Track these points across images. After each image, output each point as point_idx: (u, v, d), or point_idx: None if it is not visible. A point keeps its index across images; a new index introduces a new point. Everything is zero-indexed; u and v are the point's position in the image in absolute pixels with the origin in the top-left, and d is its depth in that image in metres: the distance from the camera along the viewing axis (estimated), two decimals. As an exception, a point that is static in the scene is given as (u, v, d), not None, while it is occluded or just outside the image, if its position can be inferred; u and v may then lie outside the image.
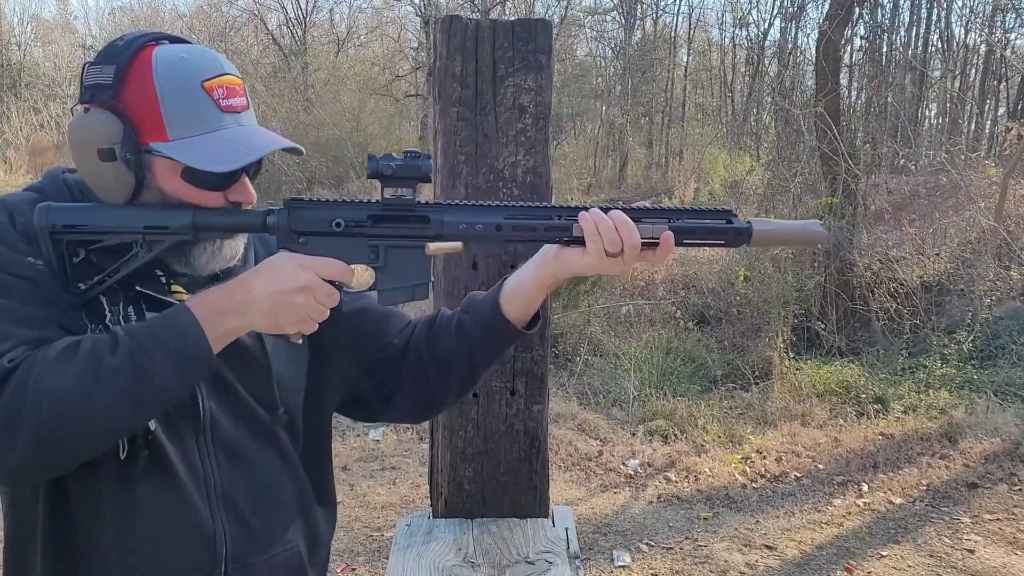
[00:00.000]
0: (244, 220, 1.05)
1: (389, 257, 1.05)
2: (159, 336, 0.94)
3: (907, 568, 3.55)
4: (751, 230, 1.06)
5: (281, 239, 1.04)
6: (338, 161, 13.71)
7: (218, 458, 1.07)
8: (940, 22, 14.02)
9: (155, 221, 1.01)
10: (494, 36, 1.72)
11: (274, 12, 20.93)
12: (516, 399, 1.81)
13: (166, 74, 0.99)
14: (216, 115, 1.01)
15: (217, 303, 0.98)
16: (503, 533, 1.75)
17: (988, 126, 14.04)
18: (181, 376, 0.96)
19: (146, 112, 0.98)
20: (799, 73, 10.25)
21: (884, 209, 7.75)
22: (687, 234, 1.05)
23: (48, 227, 0.98)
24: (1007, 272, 6.75)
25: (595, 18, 18.88)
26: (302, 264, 1.00)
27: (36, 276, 0.97)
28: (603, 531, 3.89)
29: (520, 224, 1.05)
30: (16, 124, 16.52)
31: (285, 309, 0.98)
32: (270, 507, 1.12)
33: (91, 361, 0.91)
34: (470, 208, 1.06)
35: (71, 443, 0.91)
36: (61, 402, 0.88)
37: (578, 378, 5.94)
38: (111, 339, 0.93)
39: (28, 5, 40.33)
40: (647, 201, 1.13)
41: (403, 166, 1.02)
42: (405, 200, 1.04)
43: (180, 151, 0.98)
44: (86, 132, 1.00)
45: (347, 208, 1.04)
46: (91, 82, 1.00)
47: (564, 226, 1.05)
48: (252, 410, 1.11)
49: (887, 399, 5.47)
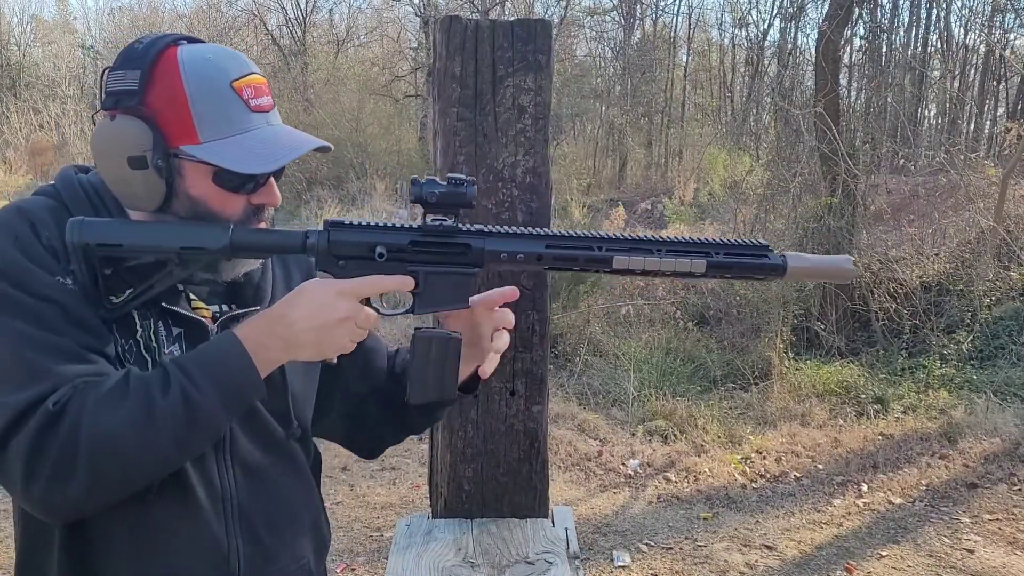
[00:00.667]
0: (283, 240, 1.02)
1: (428, 282, 1.04)
2: (211, 371, 0.94)
3: (907, 568, 3.55)
4: (786, 266, 1.07)
5: (320, 262, 1.02)
6: (338, 161, 13.71)
7: (236, 476, 1.06)
8: (939, 22, 14.03)
9: (192, 242, 0.98)
10: (494, 36, 1.72)
11: (274, 12, 20.94)
12: (516, 399, 1.81)
13: (194, 75, 0.96)
14: (246, 116, 0.99)
15: (260, 337, 0.97)
16: (503, 533, 1.75)
17: (987, 126, 14.05)
18: (231, 410, 0.96)
19: (175, 115, 0.96)
20: (799, 73, 10.25)
21: (883, 209, 7.75)
22: (724, 269, 1.06)
23: (81, 244, 0.95)
24: (1006, 272, 6.75)
25: (595, 18, 18.89)
26: (341, 292, 0.98)
27: (65, 299, 0.94)
28: (603, 531, 3.89)
29: (561, 255, 1.04)
30: (15, 124, 16.52)
31: (328, 341, 0.98)
32: (284, 523, 1.12)
33: (144, 402, 0.90)
34: (512, 236, 1.05)
35: (125, 484, 0.92)
36: (116, 447, 0.88)
37: (578, 378, 5.94)
38: (162, 376, 0.92)
39: (27, 5, 40.32)
40: (647, 201, 1.14)
41: (447, 193, 1.01)
42: (447, 226, 1.03)
43: (213, 153, 0.96)
44: (114, 140, 0.97)
45: (388, 233, 1.03)
46: (115, 88, 0.97)
47: (604, 258, 1.05)
48: (270, 426, 1.10)
49: (887, 399, 5.47)
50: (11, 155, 16.08)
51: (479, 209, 1.74)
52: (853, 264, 1.10)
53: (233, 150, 0.97)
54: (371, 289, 1.00)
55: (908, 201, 8.28)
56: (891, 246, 7.33)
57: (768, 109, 13.36)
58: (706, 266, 1.05)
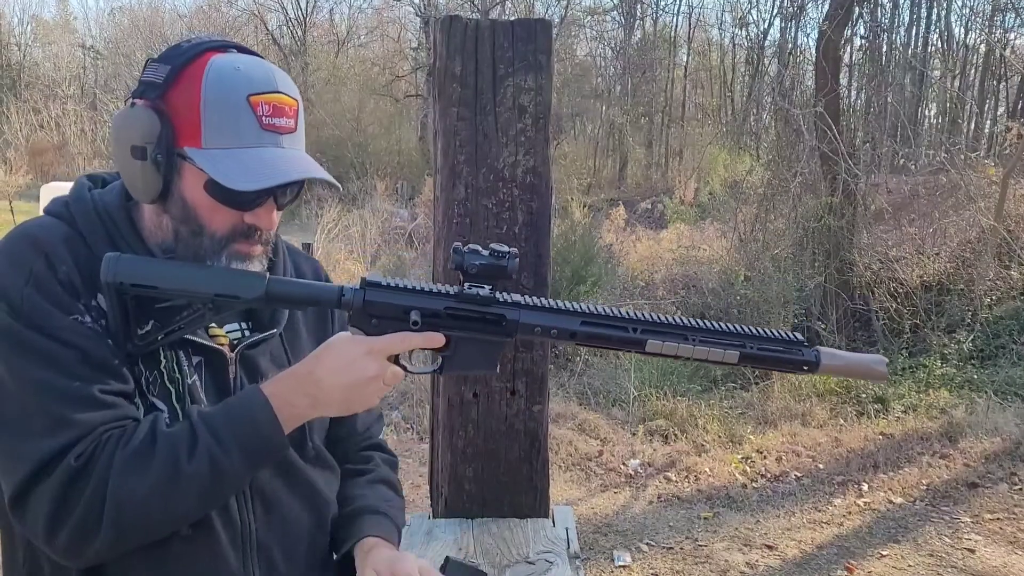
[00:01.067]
0: (319, 294, 1.02)
1: (458, 347, 1.04)
2: (238, 431, 0.95)
3: (907, 568, 3.55)
4: (819, 362, 1.08)
5: (353, 318, 1.02)
6: (338, 161, 13.73)
7: (255, 508, 1.06)
8: (940, 22, 14.04)
9: (227, 289, 0.98)
10: (494, 36, 1.71)
11: (274, 12, 20.96)
12: (516, 399, 1.81)
13: (215, 81, 0.96)
14: (255, 132, 0.97)
15: (287, 395, 0.97)
16: (503, 533, 1.75)
17: (988, 126, 14.05)
18: (254, 468, 0.98)
19: (186, 116, 0.96)
20: (799, 73, 10.25)
21: (884, 209, 7.75)
22: (756, 361, 1.07)
23: (115, 284, 0.94)
24: (1007, 271, 6.75)
25: (595, 18, 18.90)
26: (371, 351, 0.98)
27: (82, 341, 0.93)
28: (603, 531, 3.89)
29: (595, 333, 1.04)
30: (16, 124, 16.53)
31: (356, 399, 0.99)
32: (301, 553, 1.12)
33: (169, 464, 0.91)
34: (547, 311, 1.04)
35: (149, 537, 0.94)
36: (141, 509, 0.90)
37: (578, 378, 5.94)
38: (189, 436, 0.93)
39: (28, 5, 40.31)
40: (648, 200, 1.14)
41: (488, 265, 1.01)
42: (484, 296, 1.02)
43: (207, 161, 0.95)
44: (124, 127, 0.98)
45: (424, 298, 1.02)
46: (145, 79, 0.99)
47: (638, 341, 1.04)
48: (288, 455, 1.09)
49: (887, 399, 5.47)
50: (11, 155, 16.09)
51: (479, 209, 1.74)
52: (886, 367, 1.11)
53: (227, 162, 0.95)
54: (400, 346, 1.00)
55: (908, 201, 8.27)
56: (891, 246, 7.33)
57: (768, 109, 13.36)
58: (739, 357, 1.06)
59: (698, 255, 9.15)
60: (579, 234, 7.47)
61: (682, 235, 10.80)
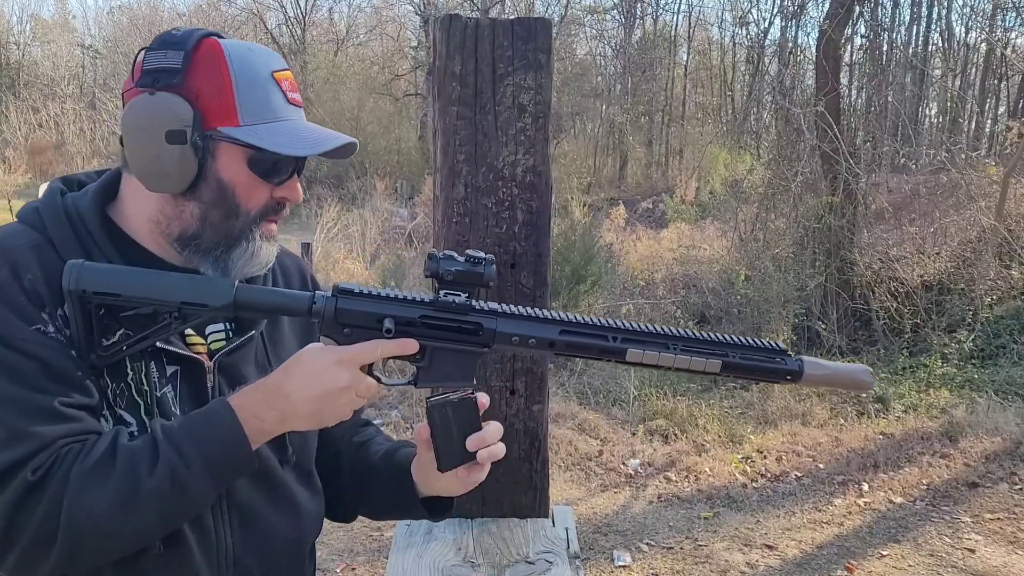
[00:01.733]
0: (288, 302, 1.00)
1: (434, 357, 1.01)
2: (201, 446, 0.91)
3: (907, 567, 3.54)
4: (802, 371, 1.06)
5: (324, 327, 1.00)
6: (337, 161, 13.72)
7: (232, 522, 1.03)
8: (941, 21, 14.03)
9: (194, 297, 0.96)
10: (494, 35, 1.71)
11: (273, 11, 20.95)
12: (516, 398, 1.80)
13: (240, 62, 0.98)
14: (284, 106, 1.01)
15: (255, 408, 0.94)
16: (503, 533, 1.75)
17: (989, 125, 14.04)
18: (219, 484, 0.94)
19: (217, 96, 0.96)
20: (799, 72, 10.24)
21: (884, 208, 7.74)
22: (738, 371, 1.06)
23: (78, 291, 0.92)
24: (1008, 271, 6.75)
25: (595, 17, 18.88)
26: (340, 360, 0.95)
27: (44, 352, 0.90)
28: (603, 531, 3.88)
29: (574, 343, 1.02)
30: (15, 123, 16.53)
31: (327, 411, 0.96)
32: (281, 567, 1.10)
33: (129, 480, 0.88)
34: (525, 319, 1.02)
35: (106, 556, 0.91)
36: (98, 525, 0.86)
37: (578, 377, 5.94)
38: (150, 451, 0.90)
39: (27, 4, 40.29)
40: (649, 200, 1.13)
41: (464, 272, 0.98)
42: (460, 304, 1.00)
43: (253, 136, 0.97)
44: (153, 114, 0.95)
45: (398, 305, 0.99)
46: (154, 66, 0.97)
47: (618, 350, 1.02)
48: (266, 464, 1.07)
49: (888, 398, 5.47)
50: (10, 154, 16.09)
51: (479, 208, 1.73)
52: (870, 375, 1.09)
53: (271, 134, 0.97)
54: (372, 355, 0.97)
55: (909, 200, 8.26)
56: (892, 245, 7.33)
57: (769, 108, 13.36)
58: (721, 366, 1.05)
59: (698, 254, 9.15)
60: (579, 233, 7.46)
61: (682, 234, 10.79)
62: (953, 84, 13.68)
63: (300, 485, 1.13)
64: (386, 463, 1.18)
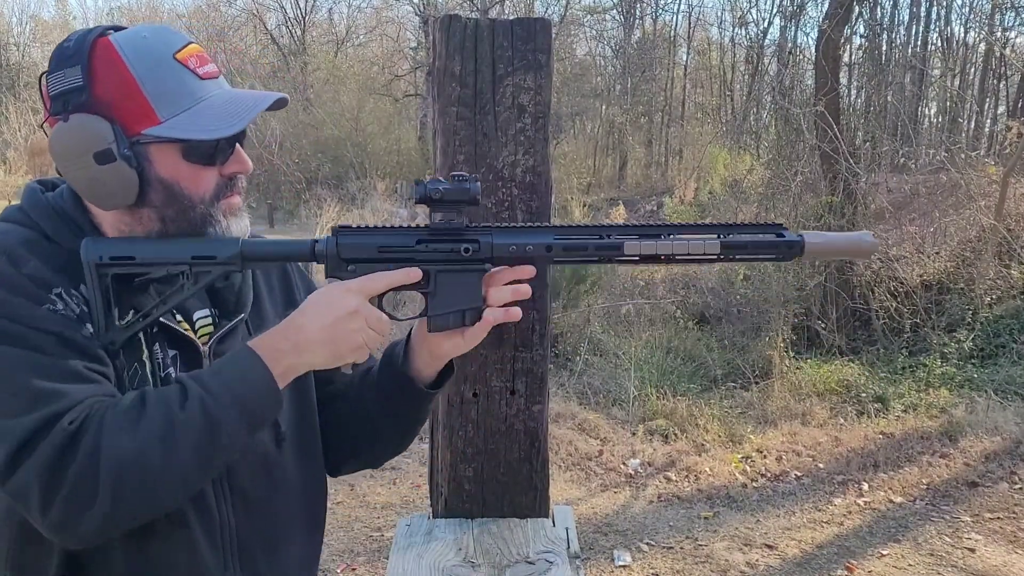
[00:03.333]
0: (293, 249, 1.03)
1: (439, 282, 1.03)
2: (228, 382, 0.92)
3: (908, 567, 3.54)
4: (803, 243, 1.04)
5: (329, 267, 1.02)
6: (338, 161, 13.72)
7: (234, 504, 1.04)
8: (940, 20, 14.03)
9: (203, 251, 0.99)
10: (493, 35, 1.71)
11: (273, 12, 20.96)
12: (516, 399, 1.81)
13: (137, 56, 0.94)
14: (199, 85, 0.97)
15: (273, 344, 0.96)
16: (503, 533, 1.75)
17: (988, 124, 14.04)
18: (251, 421, 0.94)
19: (129, 100, 0.94)
20: (799, 72, 10.24)
21: (884, 208, 7.74)
22: (738, 249, 1.04)
23: (95, 260, 0.95)
24: (1007, 271, 6.75)
25: (594, 17, 18.89)
26: (348, 289, 0.98)
27: (58, 326, 0.92)
28: (603, 531, 3.88)
29: (571, 244, 1.04)
30: (15, 125, 16.52)
31: (342, 338, 0.97)
32: (282, 549, 1.11)
33: (163, 417, 0.88)
34: (519, 229, 1.05)
35: (148, 504, 0.90)
36: (137, 463, 0.86)
37: (578, 378, 5.94)
38: (179, 390, 0.91)
39: (27, 5, 40.29)
40: (651, 201, 1.14)
41: (451, 190, 1.02)
42: (453, 225, 1.03)
43: (177, 128, 0.95)
44: (75, 140, 0.94)
45: (395, 234, 1.04)
46: (59, 90, 0.94)
47: (615, 244, 1.04)
48: (265, 446, 1.08)
49: (887, 398, 5.47)
50: (11, 155, 16.08)
51: (479, 208, 1.73)
52: (872, 238, 1.06)
53: (195, 120, 0.95)
54: (378, 284, 0.99)
55: (909, 200, 8.27)
56: (892, 244, 7.33)
57: (768, 108, 13.37)
58: (720, 246, 1.03)
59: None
60: (579, 233, 7.44)
61: (682, 234, 10.75)
62: (952, 84, 13.68)
63: (299, 462, 1.14)
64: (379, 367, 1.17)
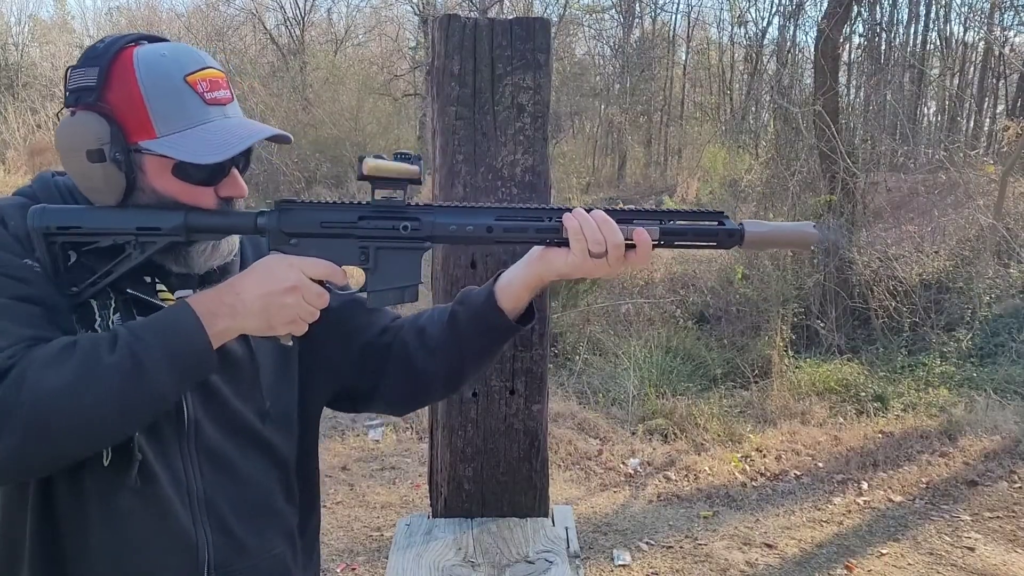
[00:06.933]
0: (236, 221, 1.05)
1: (379, 259, 1.05)
2: (159, 331, 0.94)
3: (907, 566, 3.55)
4: (743, 232, 1.06)
5: (272, 241, 1.04)
6: (337, 161, 13.71)
7: (201, 466, 1.06)
8: (939, 20, 14.03)
9: (148, 222, 1.01)
10: (492, 35, 1.71)
11: (272, 11, 20.92)
12: (515, 398, 1.81)
13: (148, 72, 0.99)
14: (201, 109, 1.00)
15: (209, 305, 0.98)
16: (503, 532, 1.75)
17: (987, 124, 14.03)
18: (179, 374, 0.95)
19: (132, 111, 0.98)
20: (798, 71, 10.24)
21: (883, 207, 7.75)
22: (678, 236, 1.06)
23: (42, 228, 0.98)
24: (1006, 270, 6.75)
25: (594, 16, 18.87)
26: (290, 264, 1.00)
27: (30, 276, 0.96)
28: (603, 530, 3.88)
29: (511, 225, 1.05)
30: (13, 124, 16.49)
31: (276, 310, 0.98)
32: (255, 513, 1.12)
33: (89, 358, 0.90)
34: (460, 209, 1.06)
35: (60, 440, 0.90)
36: (55, 399, 0.88)
37: (577, 377, 5.94)
38: (111, 336, 0.93)
39: (25, 5, 40.23)
40: (653, 201, 1.14)
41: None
42: (395, 202, 1.05)
43: (168, 146, 0.98)
44: (74, 135, 0.99)
45: (337, 210, 1.05)
46: (75, 85, 1.00)
47: (554, 227, 1.05)
48: (239, 415, 1.10)
49: (887, 397, 5.47)
50: (10, 155, 16.06)
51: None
52: (815, 228, 1.07)
53: (188, 143, 0.98)
54: (315, 270, 1.01)
55: (908, 199, 8.27)
56: (891, 244, 7.33)
57: (767, 107, 13.37)
58: (659, 232, 1.04)
59: (697, 254, 9.14)
60: (578, 233, 7.43)
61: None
62: (951, 83, 13.68)
63: (276, 430, 1.15)
64: (463, 301, 1.18)
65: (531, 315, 1.17)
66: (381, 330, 1.23)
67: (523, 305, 1.15)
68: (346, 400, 1.27)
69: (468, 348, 1.18)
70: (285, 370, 1.17)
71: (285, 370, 1.17)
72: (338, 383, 1.24)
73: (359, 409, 1.29)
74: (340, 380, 1.23)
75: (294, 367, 1.19)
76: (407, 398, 1.26)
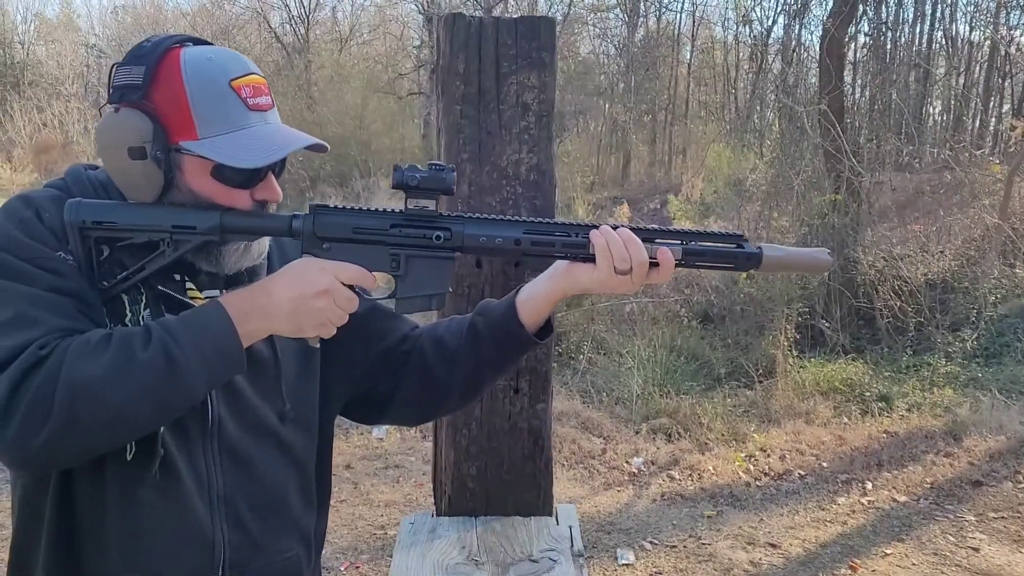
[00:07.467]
0: (271, 224, 1.06)
1: (409, 266, 1.07)
2: (192, 329, 0.96)
3: (911, 566, 3.54)
4: (761, 255, 1.10)
5: (305, 244, 1.05)
6: (342, 159, 13.72)
7: (223, 463, 1.07)
8: (944, 19, 13.98)
9: (183, 221, 1.02)
10: (497, 33, 1.71)
11: (277, 10, 20.94)
12: (520, 397, 1.81)
13: (195, 74, 1.00)
14: (244, 113, 1.02)
15: (241, 305, 0.99)
16: (507, 531, 1.75)
17: (993, 123, 13.97)
18: (211, 373, 0.97)
19: (175, 111, 1.00)
20: (803, 70, 10.23)
21: (888, 207, 7.73)
22: (698, 256, 1.09)
23: (78, 223, 0.99)
24: (1012, 270, 6.73)
25: (598, 15, 18.85)
26: (323, 268, 1.01)
27: (63, 269, 0.98)
28: (607, 529, 3.88)
29: (539, 239, 1.08)
30: (20, 123, 16.55)
31: (307, 313, 1.00)
32: (272, 513, 1.13)
33: (124, 351, 0.92)
34: (491, 222, 1.08)
35: (91, 432, 0.92)
36: (90, 391, 0.89)
37: (582, 376, 5.94)
38: (144, 331, 0.95)
39: (31, 3, 40.33)
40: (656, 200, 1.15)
41: (428, 178, 1.04)
42: (428, 212, 1.06)
43: (209, 149, 1.00)
44: (116, 131, 1.00)
45: (370, 216, 1.06)
46: (121, 82, 1.01)
47: (581, 243, 1.08)
48: (261, 415, 1.11)
49: (891, 397, 5.46)
50: (16, 153, 16.12)
51: (483, 206, 1.74)
52: (828, 255, 1.11)
53: (229, 146, 1.00)
54: (348, 274, 1.02)
55: (913, 198, 8.25)
56: (896, 243, 7.31)
57: (772, 106, 13.34)
58: (682, 252, 1.08)
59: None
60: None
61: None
62: (957, 82, 13.64)
63: (299, 436, 1.16)
64: (483, 312, 1.20)
65: (549, 329, 1.19)
66: (401, 338, 1.24)
67: (543, 319, 1.17)
68: (361, 407, 1.28)
69: (486, 359, 1.20)
70: (307, 372, 1.18)
71: (307, 372, 1.18)
72: (355, 387, 1.24)
73: (372, 419, 1.30)
74: (357, 384, 1.24)
75: (316, 369, 1.20)
76: (423, 407, 1.27)
